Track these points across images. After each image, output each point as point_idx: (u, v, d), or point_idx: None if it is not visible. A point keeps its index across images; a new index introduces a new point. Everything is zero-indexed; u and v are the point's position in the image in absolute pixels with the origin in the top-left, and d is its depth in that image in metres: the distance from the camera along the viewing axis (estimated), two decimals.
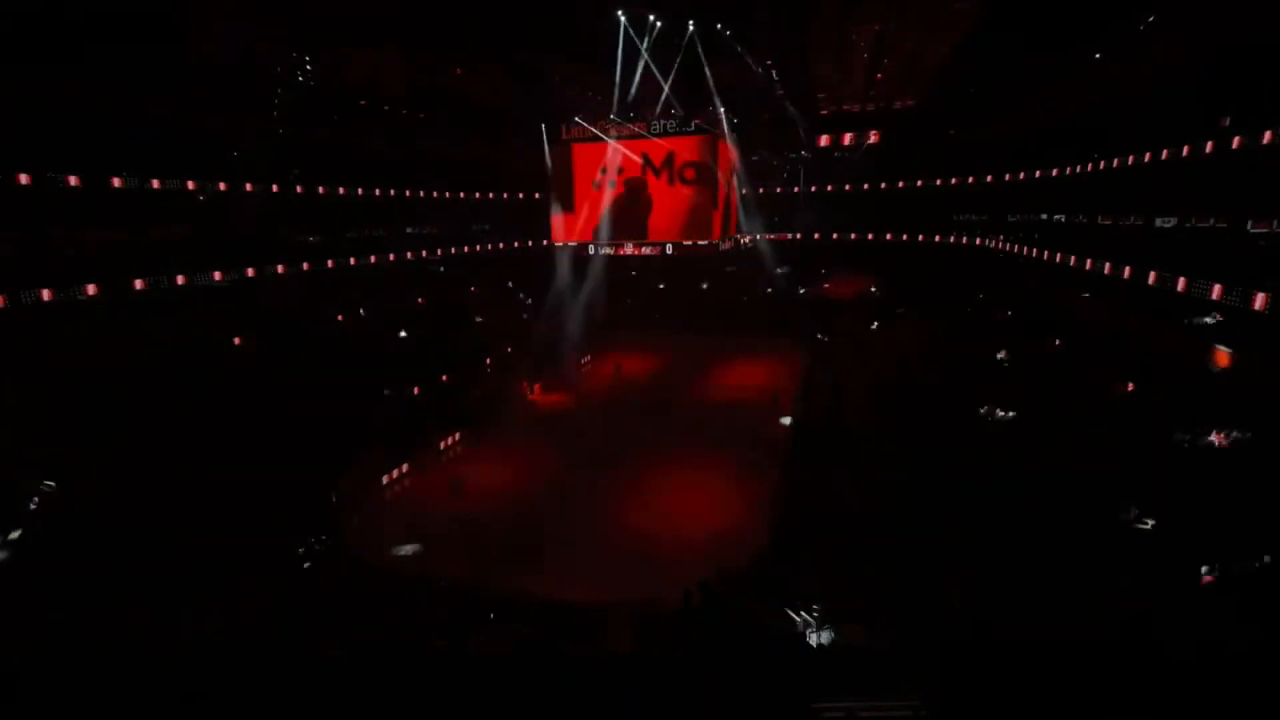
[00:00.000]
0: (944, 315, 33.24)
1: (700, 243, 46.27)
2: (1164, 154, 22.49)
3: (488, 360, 33.21)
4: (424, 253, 41.56)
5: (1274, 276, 16.63)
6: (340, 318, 33.96)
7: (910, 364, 26.74)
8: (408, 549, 17.79)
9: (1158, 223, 23.40)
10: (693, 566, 14.22)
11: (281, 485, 17.87)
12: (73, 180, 23.85)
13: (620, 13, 28.06)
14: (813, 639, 11.37)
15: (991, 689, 7.83)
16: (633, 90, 40.71)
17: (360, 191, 36.87)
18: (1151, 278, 21.32)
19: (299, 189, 32.94)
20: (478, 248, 45.38)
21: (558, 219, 49.17)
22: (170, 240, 27.95)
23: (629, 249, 48.56)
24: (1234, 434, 15.06)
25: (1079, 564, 12.18)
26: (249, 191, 30.03)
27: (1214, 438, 15.18)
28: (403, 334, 33.55)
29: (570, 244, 49.52)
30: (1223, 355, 17.32)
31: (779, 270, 47.48)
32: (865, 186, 47.01)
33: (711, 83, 37.31)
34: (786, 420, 25.16)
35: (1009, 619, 10.97)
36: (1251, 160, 18.30)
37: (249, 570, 14.78)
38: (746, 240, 52.42)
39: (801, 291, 44.88)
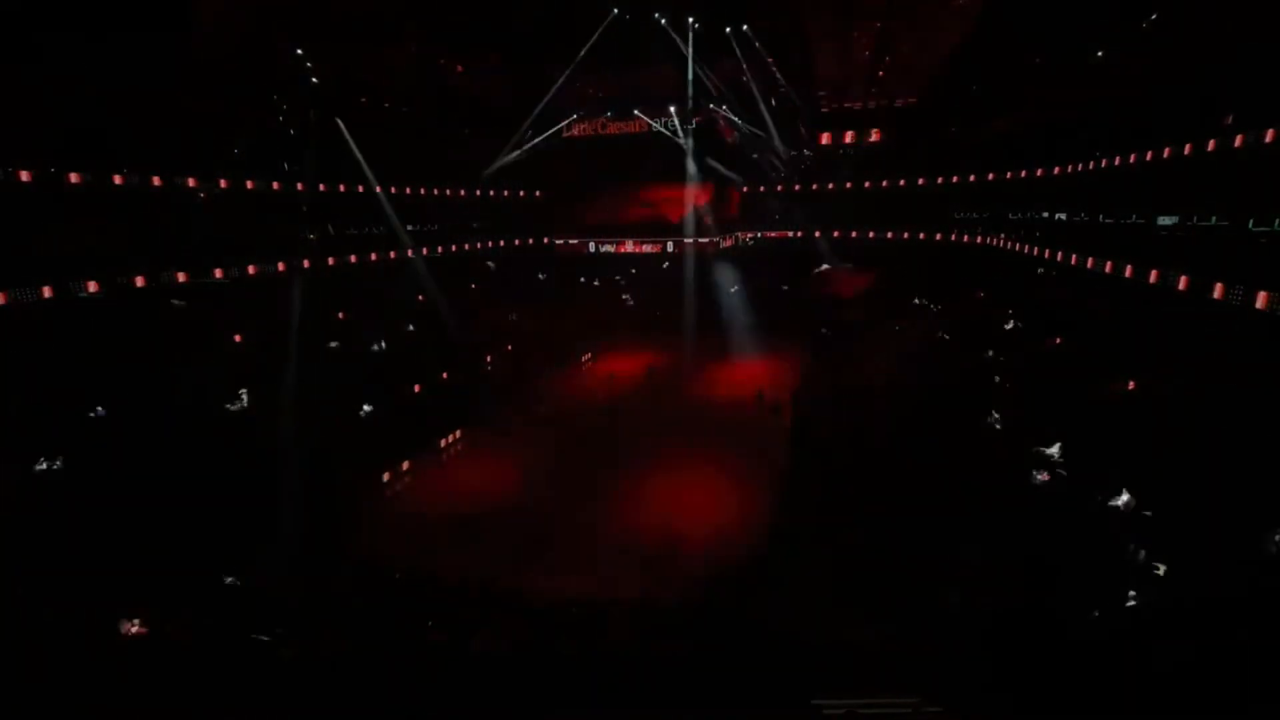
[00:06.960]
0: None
1: (701, 240, 46.28)
2: (1166, 152, 22.36)
3: (488, 358, 33.13)
4: (425, 250, 41.30)
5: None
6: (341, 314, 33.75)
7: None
8: None
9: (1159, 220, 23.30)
10: None
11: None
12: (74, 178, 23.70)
13: (621, 10, 27.93)
14: None
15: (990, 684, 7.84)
16: (634, 88, 40.63)
17: (360, 188, 36.60)
18: (1153, 276, 21.31)
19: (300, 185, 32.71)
20: (477, 245, 45.12)
21: (557, 215, 49.21)
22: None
23: (629, 246, 48.59)
24: None
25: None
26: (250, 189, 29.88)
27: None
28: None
29: (570, 241, 49.58)
30: None
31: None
32: (866, 185, 46.87)
33: (713, 80, 37.18)
34: None
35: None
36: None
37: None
38: (747, 238, 52.33)
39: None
